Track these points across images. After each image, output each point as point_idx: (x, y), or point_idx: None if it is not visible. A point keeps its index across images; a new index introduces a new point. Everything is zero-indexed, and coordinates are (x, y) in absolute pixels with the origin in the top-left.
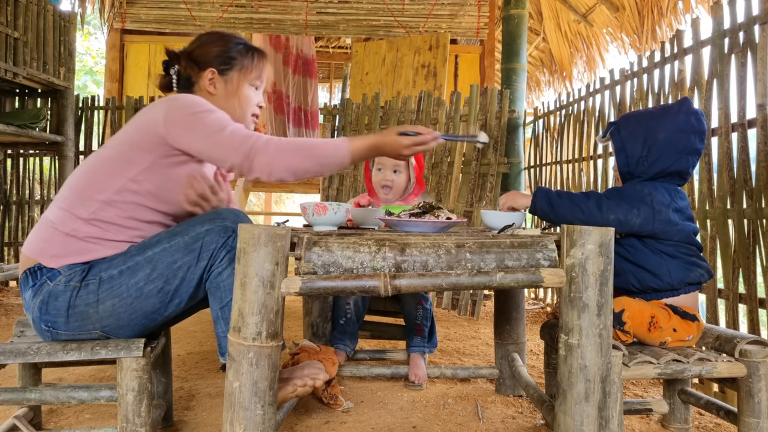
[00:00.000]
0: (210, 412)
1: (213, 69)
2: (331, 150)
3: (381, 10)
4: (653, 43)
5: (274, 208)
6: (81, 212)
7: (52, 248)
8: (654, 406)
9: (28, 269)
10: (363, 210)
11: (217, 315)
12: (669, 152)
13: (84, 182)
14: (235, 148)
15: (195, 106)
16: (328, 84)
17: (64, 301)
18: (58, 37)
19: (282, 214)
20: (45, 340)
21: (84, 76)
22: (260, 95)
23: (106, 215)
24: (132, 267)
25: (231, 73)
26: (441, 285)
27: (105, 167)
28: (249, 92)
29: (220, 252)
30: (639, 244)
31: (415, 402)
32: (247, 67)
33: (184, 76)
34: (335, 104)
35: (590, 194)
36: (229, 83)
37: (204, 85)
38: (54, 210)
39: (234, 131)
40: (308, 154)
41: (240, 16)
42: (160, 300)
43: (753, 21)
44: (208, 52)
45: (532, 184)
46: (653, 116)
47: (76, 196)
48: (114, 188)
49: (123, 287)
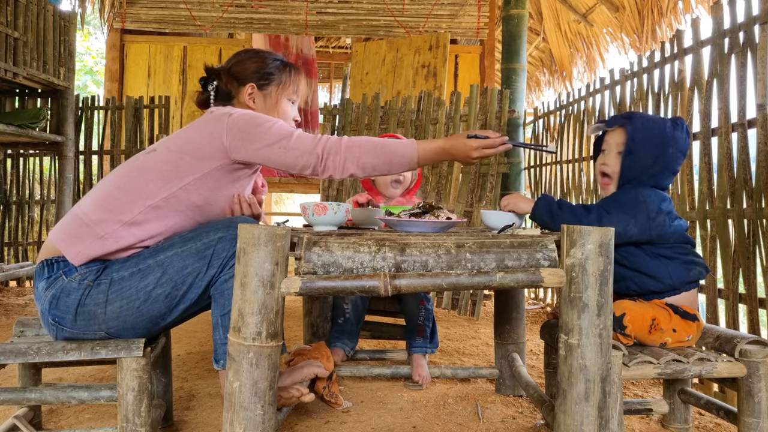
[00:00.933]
0: (210, 412)
1: (253, 84)
2: (400, 150)
3: (381, 10)
4: (653, 43)
5: (274, 208)
6: (124, 215)
7: (80, 246)
8: (654, 406)
9: (46, 260)
10: (363, 210)
11: (217, 321)
12: (669, 169)
13: (132, 184)
14: (307, 152)
15: (257, 119)
16: (328, 84)
17: (75, 299)
18: (58, 37)
19: (282, 214)
20: (49, 333)
21: (84, 76)
22: (296, 109)
23: (146, 220)
24: (143, 270)
25: (270, 88)
26: (441, 285)
27: (156, 172)
28: (287, 106)
29: (231, 260)
30: (636, 249)
31: (415, 402)
32: (284, 82)
33: (223, 92)
34: (335, 104)
35: (591, 208)
36: (268, 98)
37: (244, 99)
38: (93, 207)
39: (301, 135)
40: (380, 152)
41: (240, 16)
42: (166, 305)
43: (753, 21)
44: (247, 68)
45: (532, 185)
46: (665, 130)
47: (124, 195)
48: (163, 194)
49: (132, 289)
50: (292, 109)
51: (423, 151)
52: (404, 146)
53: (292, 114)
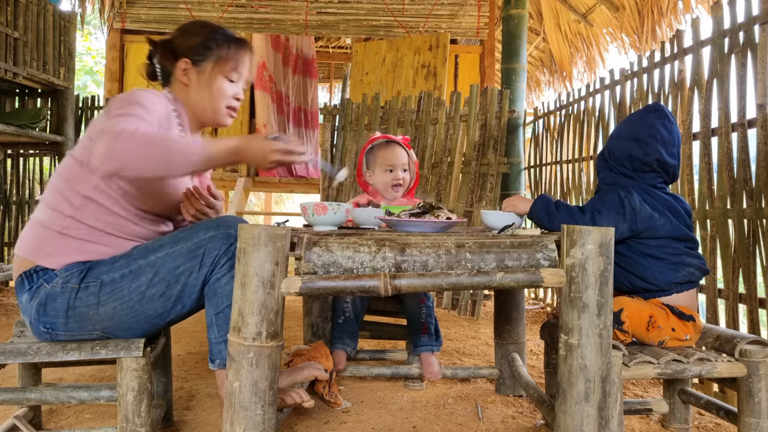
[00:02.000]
0: (210, 412)
1: (187, 59)
2: (182, 149)
3: (381, 10)
4: (653, 43)
5: (274, 208)
6: (65, 209)
7: (46, 246)
8: (654, 406)
9: (24, 273)
10: (363, 210)
11: (212, 320)
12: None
13: (62, 180)
14: (103, 131)
15: (132, 98)
16: (328, 84)
17: (62, 302)
18: (58, 37)
19: (282, 214)
20: (44, 342)
21: (84, 76)
22: (238, 88)
23: (89, 211)
24: (134, 271)
25: (205, 64)
26: (441, 285)
27: (77, 165)
28: (222, 84)
29: (222, 258)
30: (624, 249)
31: (415, 402)
32: (222, 59)
33: (162, 66)
34: (335, 104)
35: (586, 209)
36: (202, 74)
37: (178, 76)
38: (42, 209)
39: (122, 121)
40: (155, 151)
41: (240, 16)
42: (162, 304)
43: (753, 21)
44: (187, 42)
45: (532, 185)
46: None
47: (59, 193)
48: (90, 185)
49: (125, 291)
50: (232, 87)
51: (209, 153)
52: (188, 146)
53: (232, 92)
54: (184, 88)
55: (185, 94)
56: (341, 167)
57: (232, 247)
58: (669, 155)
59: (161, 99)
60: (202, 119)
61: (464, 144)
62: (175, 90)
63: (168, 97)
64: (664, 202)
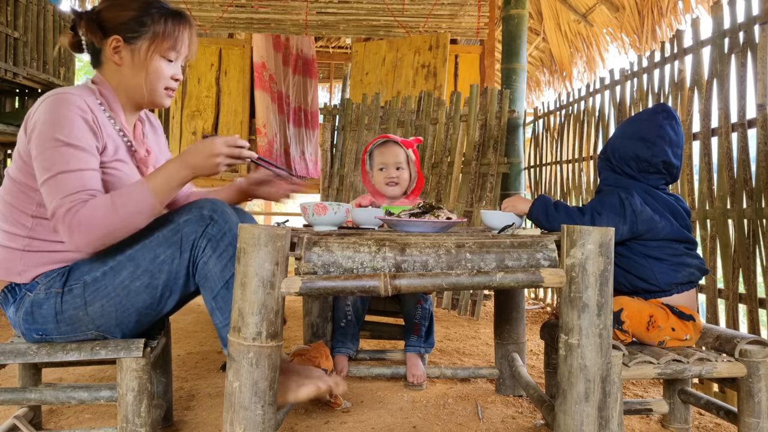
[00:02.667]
0: (210, 412)
1: (118, 36)
2: (133, 196)
3: (381, 10)
4: (653, 43)
5: (274, 208)
6: (20, 231)
7: (15, 265)
8: (654, 406)
9: (5, 288)
10: (363, 210)
11: (212, 306)
12: (636, 139)
13: (6, 204)
14: (59, 194)
15: (55, 130)
16: (328, 84)
17: (49, 308)
18: (58, 37)
19: (282, 214)
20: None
21: (84, 76)
22: (177, 67)
23: (44, 227)
24: (114, 267)
25: (139, 42)
26: (441, 285)
27: (16, 188)
28: (160, 64)
29: (201, 242)
30: (625, 250)
31: (415, 402)
32: (159, 36)
33: (88, 43)
34: (335, 104)
35: (586, 210)
36: (137, 54)
37: (108, 54)
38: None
39: (69, 179)
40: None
41: (240, 16)
42: (150, 295)
43: (753, 21)
44: (118, 17)
45: (532, 185)
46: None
47: (7, 218)
48: (34, 204)
49: (109, 288)
50: (170, 67)
51: (158, 188)
52: (137, 200)
53: (170, 72)
54: (116, 68)
55: (118, 75)
56: (341, 167)
57: (209, 228)
58: (675, 156)
59: (83, 105)
60: (137, 101)
61: (464, 144)
62: (105, 72)
63: (91, 88)
64: (666, 203)
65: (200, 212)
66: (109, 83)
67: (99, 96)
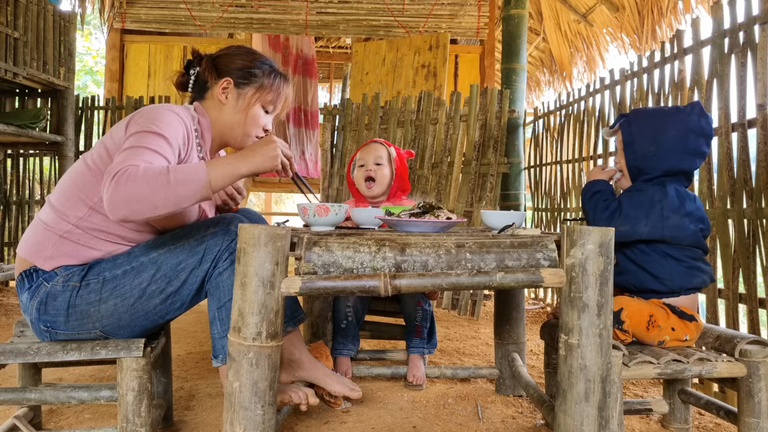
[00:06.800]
0: (210, 412)
1: (230, 79)
2: (187, 175)
3: (381, 10)
4: (653, 43)
5: (274, 208)
6: (70, 216)
7: (46, 250)
8: (654, 406)
9: (24, 271)
10: (363, 210)
11: (214, 315)
12: (677, 151)
13: (72, 186)
14: (128, 160)
15: (154, 122)
16: (328, 84)
17: (63, 301)
18: (58, 37)
19: (282, 214)
20: (43, 341)
21: (84, 76)
22: (269, 119)
23: (94, 221)
24: (136, 268)
25: (247, 88)
26: (441, 285)
27: (90, 174)
28: (259, 112)
29: (224, 254)
30: (646, 247)
31: (415, 402)
32: (265, 88)
33: (201, 80)
34: (335, 104)
35: (610, 205)
36: (242, 98)
37: (217, 92)
38: (47, 210)
39: (145, 153)
40: (159, 182)
41: (240, 16)
42: (161, 301)
43: (753, 21)
44: (232, 62)
45: (532, 185)
46: (665, 114)
47: (66, 198)
48: (99, 196)
49: (126, 287)
50: (265, 118)
51: (213, 167)
52: (191, 173)
53: (263, 123)
54: (218, 106)
55: (217, 112)
56: (341, 167)
57: (233, 243)
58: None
59: (184, 118)
60: (225, 139)
61: (464, 144)
62: (207, 105)
63: (192, 114)
64: (698, 209)
65: (227, 227)
66: (209, 116)
67: (196, 123)
